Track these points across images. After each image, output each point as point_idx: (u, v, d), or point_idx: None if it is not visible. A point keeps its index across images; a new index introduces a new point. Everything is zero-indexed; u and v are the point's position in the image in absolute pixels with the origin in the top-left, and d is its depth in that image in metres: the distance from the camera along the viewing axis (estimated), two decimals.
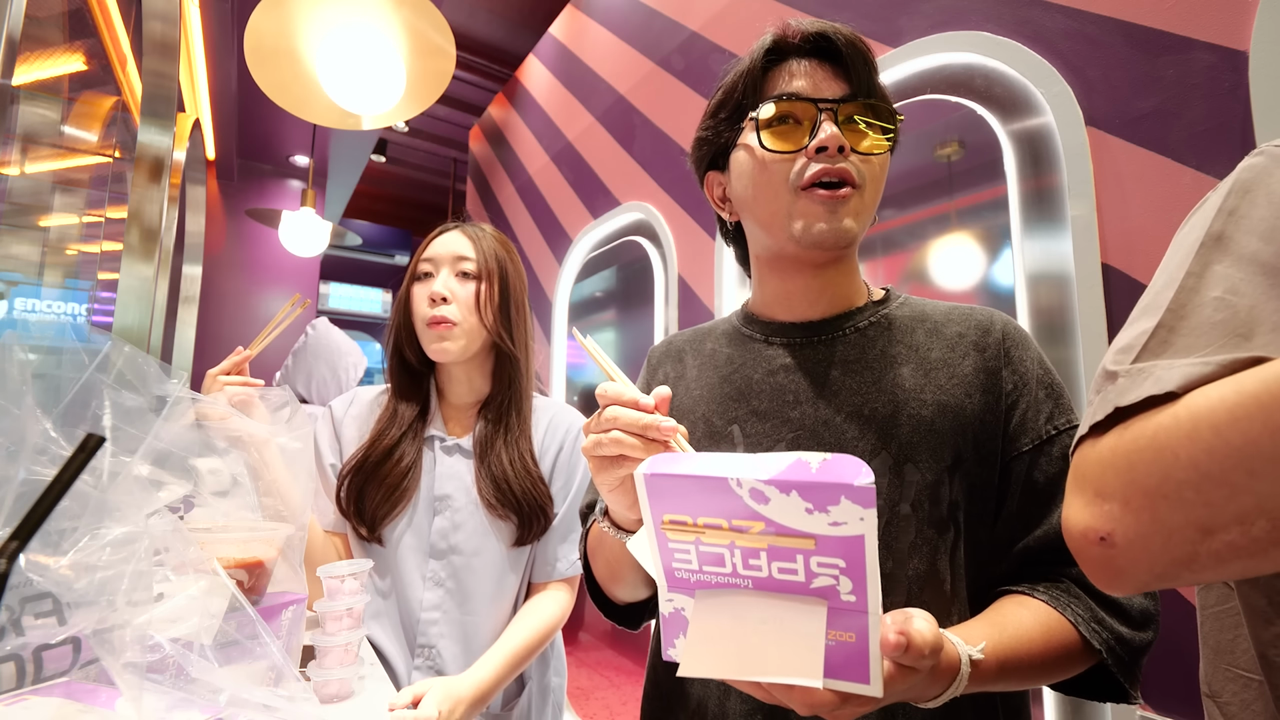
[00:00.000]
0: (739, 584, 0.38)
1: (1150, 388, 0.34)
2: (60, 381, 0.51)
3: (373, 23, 1.48)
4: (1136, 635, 0.53)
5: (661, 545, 0.39)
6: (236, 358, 0.99)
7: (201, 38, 3.10)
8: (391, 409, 1.01)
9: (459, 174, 5.30)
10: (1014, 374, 0.59)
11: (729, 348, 0.71)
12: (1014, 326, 0.62)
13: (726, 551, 0.37)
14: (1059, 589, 0.55)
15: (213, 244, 4.18)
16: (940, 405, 0.58)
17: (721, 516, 0.36)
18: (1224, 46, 0.91)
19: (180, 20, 1.96)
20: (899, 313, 0.65)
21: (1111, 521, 0.35)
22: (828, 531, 0.34)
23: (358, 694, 0.73)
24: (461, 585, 0.95)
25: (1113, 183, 1.01)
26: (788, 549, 0.36)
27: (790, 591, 0.37)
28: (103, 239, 2.70)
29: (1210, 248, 0.38)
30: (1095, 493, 0.36)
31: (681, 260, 2.01)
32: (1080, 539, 0.37)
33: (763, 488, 0.35)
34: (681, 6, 2.12)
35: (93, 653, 0.47)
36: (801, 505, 0.34)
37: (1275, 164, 0.40)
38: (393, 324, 1.03)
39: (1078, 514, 0.37)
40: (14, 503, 0.45)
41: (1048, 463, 0.57)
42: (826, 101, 0.60)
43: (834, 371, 0.63)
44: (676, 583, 0.40)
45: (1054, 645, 0.51)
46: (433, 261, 0.99)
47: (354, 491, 0.96)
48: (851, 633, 0.36)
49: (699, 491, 0.36)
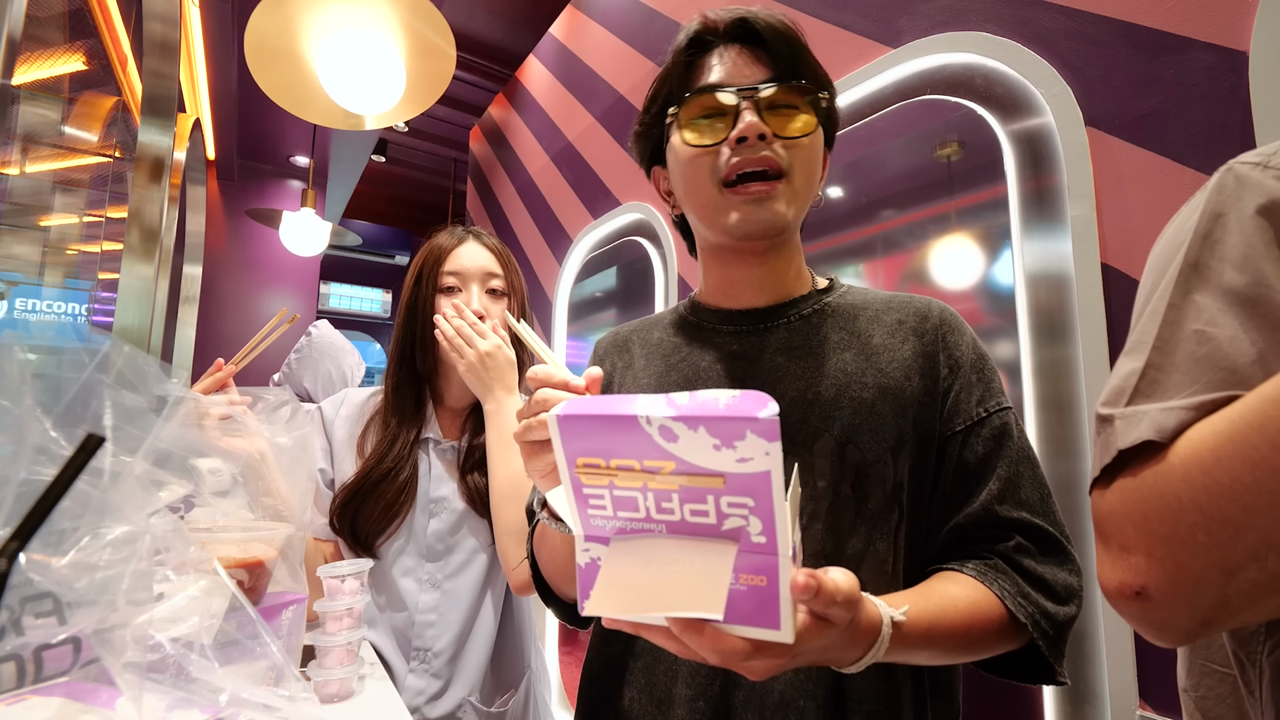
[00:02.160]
0: (653, 529, 0.38)
1: (1145, 432, 0.35)
2: (60, 381, 0.51)
3: (373, 23, 1.48)
4: (1060, 610, 0.54)
5: (576, 492, 0.38)
6: (219, 374, 0.94)
7: (202, 38, 3.10)
8: (388, 425, 1.00)
9: (459, 174, 5.30)
10: (949, 358, 0.61)
11: (676, 336, 0.71)
12: (950, 313, 0.64)
13: (640, 495, 0.37)
14: (987, 565, 0.56)
15: (213, 244, 4.18)
16: (881, 388, 0.59)
17: (633, 457, 0.36)
18: (1224, 46, 0.91)
19: (180, 20, 1.96)
20: (841, 301, 0.66)
21: (1141, 575, 0.35)
22: (735, 469, 0.34)
23: (358, 694, 0.73)
24: (456, 585, 0.96)
25: (1113, 183, 1.01)
26: (698, 489, 0.35)
27: (703, 534, 0.36)
28: (103, 239, 2.70)
29: (1189, 276, 0.39)
30: (1120, 547, 0.36)
31: (681, 260, 2.01)
32: (1117, 596, 0.37)
33: (671, 424, 0.34)
34: (681, 6, 2.12)
35: (93, 653, 0.47)
36: (709, 441, 0.33)
37: (1243, 187, 0.40)
38: (403, 331, 1.01)
39: (1109, 571, 0.37)
40: (14, 503, 0.45)
41: (978, 443, 0.59)
42: (744, 89, 0.59)
43: (779, 358, 0.63)
44: (593, 531, 0.40)
45: (980, 617, 0.52)
46: (460, 275, 0.99)
47: (349, 514, 0.94)
48: (763, 576, 0.35)
49: (610, 431, 0.36)
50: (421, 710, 0.91)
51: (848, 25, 1.51)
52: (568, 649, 2.41)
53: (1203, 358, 0.36)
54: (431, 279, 1.00)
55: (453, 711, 0.93)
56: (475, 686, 0.95)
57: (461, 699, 0.93)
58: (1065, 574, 0.56)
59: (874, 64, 1.39)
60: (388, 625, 0.95)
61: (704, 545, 0.36)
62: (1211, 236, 0.39)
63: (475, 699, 0.94)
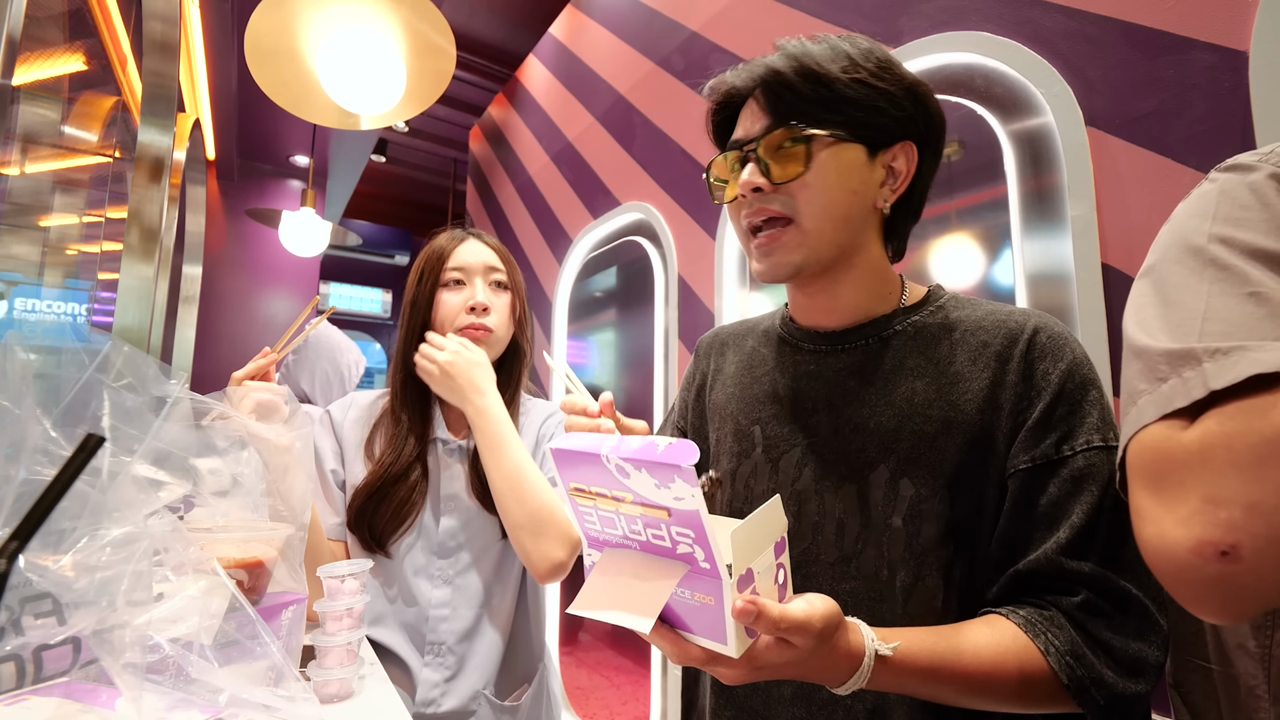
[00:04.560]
0: (630, 545, 0.43)
1: (1250, 367, 0.30)
2: (60, 381, 0.51)
3: (373, 23, 1.48)
4: (1121, 682, 0.48)
5: (574, 509, 0.45)
6: (262, 360, 0.94)
7: (201, 38, 3.10)
8: (396, 426, 1.01)
9: (459, 174, 5.30)
10: (1031, 387, 0.56)
11: (765, 348, 0.73)
12: (1046, 336, 0.57)
13: (615, 516, 0.42)
14: (1042, 616, 0.51)
15: (213, 244, 4.17)
16: (947, 421, 0.57)
17: (604, 487, 0.41)
18: (1224, 46, 0.91)
19: (180, 20, 1.96)
20: (930, 320, 0.64)
21: (1235, 531, 0.29)
22: (674, 504, 0.39)
23: (358, 694, 0.73)
24: (468, 580, 0.97)
25: (1113, 183, 1.01)
26: (653, 518, 0.40)
27: (665, 555, 0.42)
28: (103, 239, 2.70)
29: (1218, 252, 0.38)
30: (1206, 499, 0.30)
31: (681, 260, 2.01)
32: (1194, 556, 0.31)
33: (623, 464, 0.39)
34: (681, 6, 2.12)
35: (93, 653, 0.47)
36: (651, 481, 0.38)
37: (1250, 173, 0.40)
38: (407, 328, 1.02)
39: (1182, 529, 0.31)
40: (14, 503, 0.45)
41: (1053, 484, 0.53)
42: (737, 144, 0.63)
43: (851, 381, 0.63)
44: (593, 541, 0.46)
45: (1008, 668, 0.49)
46: (464, 270, 1.01)
47: (365, 516, 0.96)
48: (710, 596, 0.40)
49: (584, 464, 0.41)
50: (437, 702, 0.92)
51: (848, 25, 1.51)
52: (568, 649, 2.41)
53: (1266, 315, 0.33)
54: (433, 276, 1.01)
55: (466, 704, 0.93)
56: (489, 680, 0.95)
57: (476, 691, 0.94)
58: (1141, 645, 0.49)
59: None
60: (400, 621, 0.95)
61: (662, 564, 0.42)
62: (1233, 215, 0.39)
63: (489, 692, 0.95)
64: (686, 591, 0.41)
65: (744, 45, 1.86)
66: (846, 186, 0.60)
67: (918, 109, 0.62)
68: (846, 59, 0.59)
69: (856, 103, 0.59)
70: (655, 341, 2.09)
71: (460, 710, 0.93)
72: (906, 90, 0.61)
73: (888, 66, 0.60)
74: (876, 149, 0.61)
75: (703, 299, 1.91)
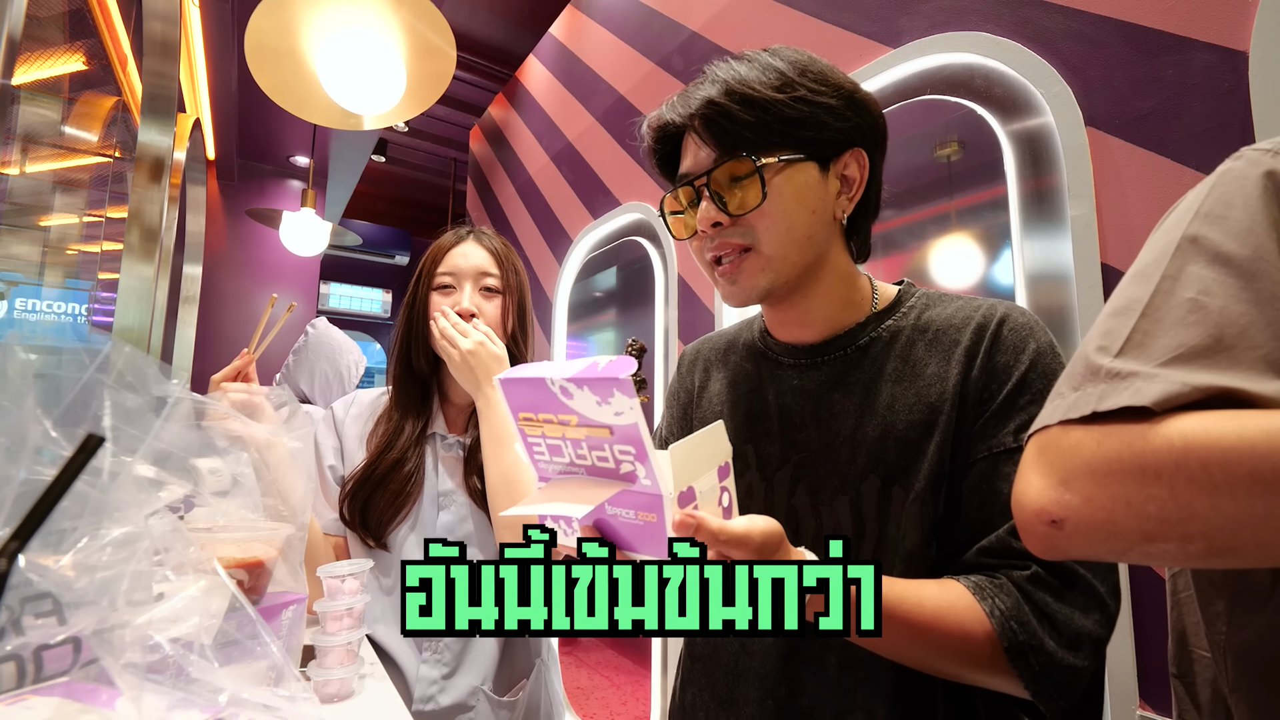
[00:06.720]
0: (577, 472, 0.45)
1: (1129, 398, 0.36)
2: (60, 381, 0.51)
3: (373, 23, 1.48)
4: (1060, 653, 0.48)
5: (524, 441, 0.46)
6: (239, 362, 0.95)
7: (202, 38, 3.10)
8: (394, 418, 1.02)
9: (459, 174, 5.30)
10: (993, 378, 0.56)
11: (749, 363, 0.73)
12: (1010, 328, 0.58)
13: (562, 443, 0.44)
14: (991, 582, 0.52)
15: (213, 244, 4.18)
16: (926, 425, 0.57)
17: (550, 411, 0.43)
18: (1224, 46, 0.91)
19: (180, 20, 1.96)
20: (903, 324, 0.63)
21: (1068, 511, 0.37)
22: (615, 421, 0.40)
23: (358, 694, 0.73)
24: None
25: (1112, 183, 1.01)
26: (597, 438, 0.41)
27: (610, 478, 0.43)
28: (103, 239, 2.70)
29: (1186, 250, 0.40)
30: (1060, 480, 0.37)
31: (681, 260, 2.01)
32: (1033, 516, 0.39)
33: (566, 384, 0.40)
34: (681, 6, 2.12)
35: (93, 653, 0.47)
36: (593, 398, 0.40)
37: (1252, 167, 0.41)
38: (402, 329, 1.03)
39: (1036, 494, 0.39)
40: (14, 503, 0.45)
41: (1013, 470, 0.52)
42: (687, 180, 0.62)
43: (835, 394, 0.63)
44: (543, 475, 0.47)
45: (950, 624, 0.50)
46: (454, 275, 1.01)
47: (358, 503, 0.96)
48: (653, 513, 0.41)
49: (531, 391, 0.43)
50: (435, 699, 0.92)
51: (848, 25, 1.51)
52: (568, 649, 2.41)
53: (1193, 323, 0.37)
54: (428, 278, 1.02)
55: (465, 700, 0.93)
56: (488, 675, 0.95)
57: (474, 687, 0.94)
58: (1085, 620, 0.50)
59: (874, 64, 1.39)
60: (398, 618, 0.95)
61: (605, 483, 0.43)
62: (1214, 214, 0.40)
63: (488, 688, 0.95)
64: (630, 511, 0.42)
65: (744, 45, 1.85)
66: (805, 207, 0.60)
67: (860, 115, 0.61)
68: (781, 77, 0.58)
69: (801, 122, 0.58)
70: (655, 341, 2.09)
71: (458, 705, 0.93)
72: (846, 98, 0.60)
73: (823, 78, 0.60)
74: (828, 162, 0.61)
75: (703, 299, 1.91)
